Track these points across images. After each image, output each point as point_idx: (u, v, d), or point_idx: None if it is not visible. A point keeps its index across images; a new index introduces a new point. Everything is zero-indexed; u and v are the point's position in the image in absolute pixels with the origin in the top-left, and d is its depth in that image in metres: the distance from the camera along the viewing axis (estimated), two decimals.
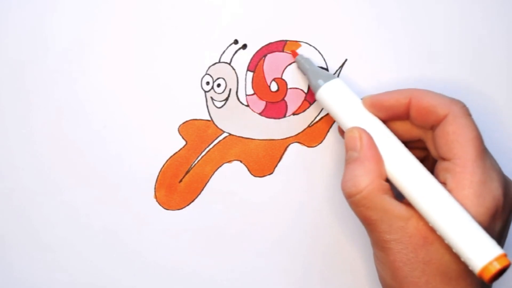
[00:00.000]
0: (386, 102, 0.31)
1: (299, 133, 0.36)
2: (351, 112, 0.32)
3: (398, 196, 0.30)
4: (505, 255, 0.26)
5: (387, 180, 0.30)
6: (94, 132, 0.36)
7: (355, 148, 0.30)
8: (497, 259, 0.26)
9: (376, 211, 0.29)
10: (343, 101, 0.32)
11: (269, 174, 0.36)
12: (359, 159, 0.30)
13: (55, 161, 0.36)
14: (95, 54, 0.36)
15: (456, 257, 0.28)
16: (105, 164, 0.36)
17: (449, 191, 0.28)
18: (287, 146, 0.36)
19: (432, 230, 0.28)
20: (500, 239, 0.29)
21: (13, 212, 0.36)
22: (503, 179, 0.29)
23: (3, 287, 0.36)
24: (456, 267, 0.28)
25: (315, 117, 0.36)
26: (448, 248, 0.28)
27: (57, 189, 0.36)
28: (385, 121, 0.32)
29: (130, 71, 0.36)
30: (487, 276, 0.26)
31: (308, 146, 0.36)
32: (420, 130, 0.31)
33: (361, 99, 0.32)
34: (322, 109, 0.36)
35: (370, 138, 0.30)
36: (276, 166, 0.36)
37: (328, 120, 0.36)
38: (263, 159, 0.36)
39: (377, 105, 0.31)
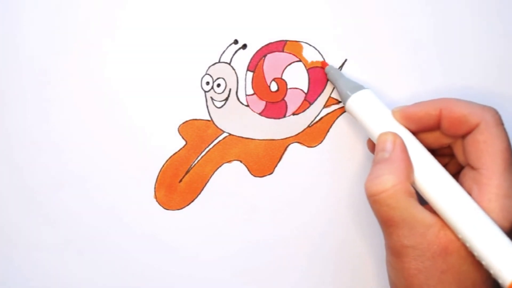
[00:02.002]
0: (416, 115, 0.31)
1: (299, 133, 0.36)
2: (381, 122, 0.31)
3: (422, 204, 0.30)
4: None
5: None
6: (94, 132, 0.36)
7: (387, 149, 0.30)
8: None
9: (400, 213, 0.28)
10: (372, 112, 0.32)
11: (269, 174, 0.36)
12: (389, 159, 0.29)
13: (55, 161, 0.36)
14: (95, 54, 0.36)
15: (474, 268, 0.28)
16: (105, 164, 0.36)
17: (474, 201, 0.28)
18: (287, 146, 0.36)
19: (453, 240, 0.28)
20: None
21: (13, 212, 0.36)
22: None
23: (3, 287, 0.36)
24: (473, 277, 0.28)
25: (315, 117, 0.36)
26: (468, 259, 0.28)
27: (57, 189, 0.36)
28: (415, 133, 0.31)
29: (130, 71, 0.36)
30: None
31: (308, 146, 0.36)
32: (450, 138, 0.31)
33: (391, 110, 0.32)
34: (322, 109, 0.36)
35: (403, 143, 0.30)
36: (276, 166, 0.36)
37: (328, 120, 0.36)
38: (263, 159, 0.36)
39: (407, 117, 0.31)
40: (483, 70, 0.36)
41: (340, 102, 0.36)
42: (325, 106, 0.36)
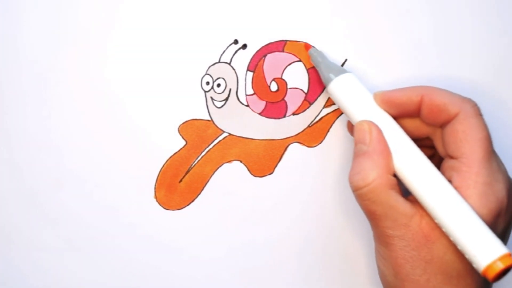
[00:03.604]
0: (397, 99, 0.31)
1: (299, 133, 0.36)
2: (362, 106, 0.32)
3: (405, 193, 0.30)
4: (509, 255, 0.26)
5: (395, 176, 0.30)
6: (94, 132, 0.36)
7: (365, 141, 0.30)
8: (502, 258, 0.26)
9: (381, 206, 0.29)
10: (353, 96, 0.32)
11: (269, 174, 0.36)
12: (368, 153, 0.30)
13: (55, 161, 0.36)
14: (95, 54, 0.36)
15: (457, 256, 0.28)
16: (105, 164, 0.36)
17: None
18: (287, 146, 0.36)
19: (435, 229, 0.28)
20: (502, 241, 0.29)
21: (13, 212, 0.36)
22: (508, 181, 0.29)
23: (3, 287, 0.36)
24: (457, 266, 0.28)
25: (315, 117, 0.36)
26: (450, 247, 0.28)
27: (57, 189, 0.36)
28: (395, 118, 0.32)
29: (130, 71, 0.36)
30: (491, 275, 0.26)
31: (308, 146, 0.36)
32: (429, 127, 0.31)
33: (373, 94, 0.32)
34: (322, 109, 0.36)
35: (379, 132, 0.30)
36: (276, 166, 0.36)
37: (328, 120, 0.36)
38: (263, 159, 0.36)
39: (388, 101, 0.31)
40: (483, 69, 0.36)
41: None
42: (325, 106, 0.36)
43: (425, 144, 0.33)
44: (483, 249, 0.26)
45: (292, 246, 0.36)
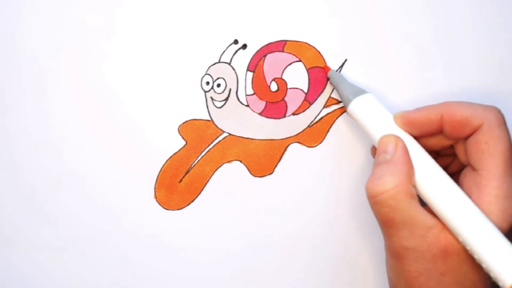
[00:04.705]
0: (417, 121, 0.30)
1: (299, 133, 0.36)
2: (383, 126, 0.32)
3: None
4: None
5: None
6: (94, 132, 0.36)
7: (388, 151, 0.30)
8: None
9: (400, 214, 0.28)
10: (374, 116, 0.32)
11: (269, 174, 0.36)
12: (391, 161, 0.29)
13: (55, 161, 0.36)
14: (95, 54, 0.36)
15: (473, 269, 0.28)
16: (105, 164, 0.36)
17: (474, 202, 0.28)
18: (287, 146, 0.36)
19: (453, 243, 0.28)
20: None
21: (13, 212, 0.36)
22: None
23: (4, 286, 0.36)
24: (473, 277, 0.28)
25: (315, 117, 0.36)
26: (467, 260, 0.28)
27: (57, 189, 0.36)
28: (416, 137, 0.31)
29: (130, 71, 0.36)
30: None
31: (308, 146, 0.36)
32: (452, 140, 0.31)
33: (393, 115, 0.32)
34: (322, 109, 0.36)
35: (405, 145, 0.30)
36: (276, 166, 0.36)
37: (328, 120, 0.36)
38: (263, 159, 0.36)
39: (408, 123, 0.31)
40: (485, 70, 0.36)
41: (340, 102, 0.36)
42: (325, 106, 0.36)
43: (445, 153, 0.32)
44: (508, 267, 0.26)
45: (292, 246, 0.36)
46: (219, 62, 0.36)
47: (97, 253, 0.36)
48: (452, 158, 0.33)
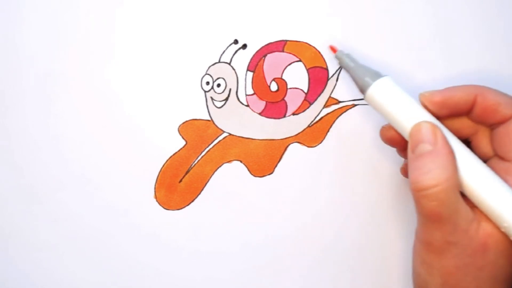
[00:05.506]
0: (450, 99, 0.29)
1: (299, 133, 0.36)
2: (409, 110, 0.30)
3: None
4: None
5: None
6: (94, 132, 0.36)
7: (429, 141, 0.28)
8: None
9: (448, 208, 0.27)
10: (397, 100, 0.30)
11: (269, 174, 0.36)
12: (434, 152, 0.28)
13: (55, 161, 0.36)
14: (96, 54, 0.36)
15: (509, 261, 0.28)
16: (105, 164, 0.36)
17: None
18: (287, 146, 0.36)
19: (491, 234, 0.27)
20: None
21: (13, 212, 0.36)
22: None
23: (4, 286, 0.36)
24: (508, 271, 0.28)
25: (315, 117, 0.36)
26: (504, 252, 0.27)
27: (57, 189, 0.36)
28: (441, 119, 0.30)
29: (130, 71, 0.36)
30: None
31: (308, 146, 0.36)
32: (473, 128, 0.31)
33: (419, 95, 0.30)
34: (322, 109, 0.36)
35: (443, 134, 0.29)
36: (276, 166, 0.36)
37: (328, 120, 0.36)
38: (263, 159, 0.36)
39: (439, 102, 0.30)
40: (485, 70, 0.36)
41: (340, 102, 0.36)
42: (325, 106, 0.36)
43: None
44: None
45: (292, 246, 0.36)
46: (219, 62, 0.36)
47: (97, 253, 0.36)
48: None
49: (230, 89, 0.36)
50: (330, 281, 0.36)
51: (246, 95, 0.36)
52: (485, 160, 0.30)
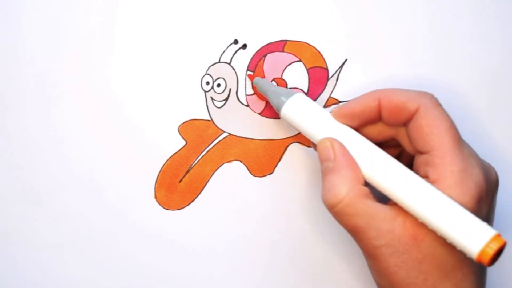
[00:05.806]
0: (356, 110, 0.31)
1: (299, 133, 0.36)
2: (319, 124, 0.31)
3: (381, 200, 0.29)
4: (499, 235, 0.26)
5: (367, 185, 0.29)
6: (94, 132, 0.36)
7: (329, 158, 0.30)
8: (492, 240, 0.26)
9: (361, 217, 0.28)
10: (309, 115, 0.31)
11: (269, 174, 0.36)
12: (334, 168, 0.29)
13: (55, 161, 0.36)
14: (96, 53, 0.36)
15: (449, 249, 0.28)
16: (105, 164, 0.36)
17: (432, 183, 0.28)
18: (287, 146, 0.36)
19: (420, 227, 0.28)
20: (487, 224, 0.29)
21: (13, 212, 0.36)
22: (482, 164, 0.29)
23: (4, 286, 0.36)
24: (451, 259, 0.28)
25: None
26: (440, 242, 0.28)
27: (57, 189, 0.36)
28: (357, 128, 0.31)
29: (130, 71, 0.36)
30: (485, 259, 0.26)
31: (308, 146, 0.36)
32: (393, 128, 0.31)
33: (331, 112, 0.32)
34: None
35: (342, 145, 0.30)
36: (276, 166, 0.36)
37: None
38: (263, 159, 0.36)
39: (347, 114, 0.31)
40: (485, 71, 0.36)
41: (340, 102, 0.36)
42: (325, 106, 0.36)
43: (390, 145, 0.32)
44: (472, 236, 0.26)
45: (292, 246, 0.36)
46: (219, 62, 0.36)
47: (97, 252, 0.36)
48: (400, 150, 0.33)
49: (230, 89, 0.36)
50: (331, 280, 0.36)
51: (246, 95, 0.36)
52: (413, 157, 0.31)
